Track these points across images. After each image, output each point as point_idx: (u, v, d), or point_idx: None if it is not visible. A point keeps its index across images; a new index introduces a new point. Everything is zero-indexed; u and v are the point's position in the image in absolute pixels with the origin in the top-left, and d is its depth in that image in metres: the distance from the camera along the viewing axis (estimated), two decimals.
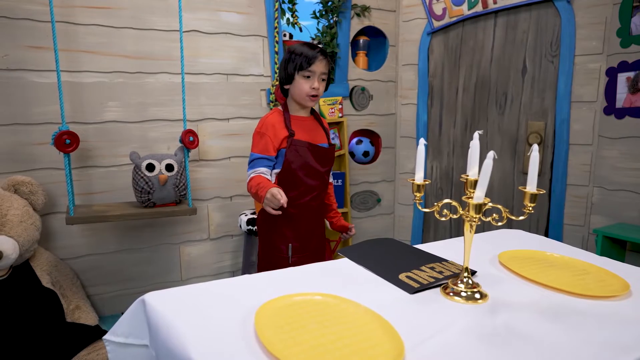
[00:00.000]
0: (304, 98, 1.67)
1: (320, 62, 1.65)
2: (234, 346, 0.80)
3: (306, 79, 1.65)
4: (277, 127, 1.66)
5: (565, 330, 0.89)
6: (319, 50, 1.66)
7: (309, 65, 1.63)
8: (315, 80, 1.65)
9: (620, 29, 2.17)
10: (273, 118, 1.69)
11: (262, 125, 1.68)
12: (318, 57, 1.64)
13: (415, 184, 1.02)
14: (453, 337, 0.85)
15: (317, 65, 1.64)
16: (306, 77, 1.65)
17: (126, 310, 1.02)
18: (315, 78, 1.65)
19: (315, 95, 1.67)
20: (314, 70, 1.64)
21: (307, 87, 1.65)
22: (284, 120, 1.68)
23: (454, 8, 2.76)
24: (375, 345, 0.80)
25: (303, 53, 1.64)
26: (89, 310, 2.13)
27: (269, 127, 1.66)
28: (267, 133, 1.65)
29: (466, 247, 1.02)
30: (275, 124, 1.67)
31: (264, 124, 1.68)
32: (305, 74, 1.64)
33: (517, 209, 2.63)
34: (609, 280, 1.12)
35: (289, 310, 0.92)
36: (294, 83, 1.67)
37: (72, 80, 2.19)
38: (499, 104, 2.69)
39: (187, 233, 2.56)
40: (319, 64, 1.65)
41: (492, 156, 0.85)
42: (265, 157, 1.66)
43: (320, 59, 1.65)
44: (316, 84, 1.65)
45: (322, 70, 1.66)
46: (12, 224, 1.88)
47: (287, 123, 1.67)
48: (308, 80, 1.65)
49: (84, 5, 2.18)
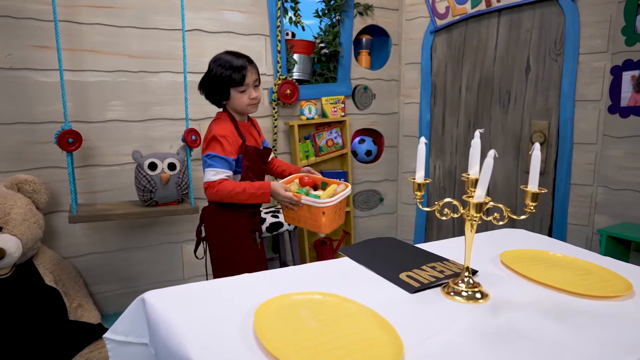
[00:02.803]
0: (245, 108, 1.69)
1: (250, 72, 1.65)
2: (233, 345, 0.80)
3: (242, 93, 1.66)
4: (235, 134, 1.67)
5: (567, 330, 0.88)
6: (246, 60, 1.65)
7: (243, 80, 1.63)
8: (252, 91, 1.67)
9: (625, 27, 2.15)
10: (229, 125, 1.68)
11: (224, 129, 1.65)
12: (247, 68, 1.63)
13: (416, 183, 1.01)
14: (453, 336, 0.85)
15: (248, 77, 1.64)
16: (241, 91, 1.65)
17: (126, 309, 1.02)
18: (250, 89, 1.66)
19: (255, 103, 1.70)
20: (247, 82, 1.64)
21: (246, 99, 1.67)
22: (235, 127, 1.69)
23: (457, 6, 2.75)
24: (375, 345, 0.80)
25: (230, 66, 1.62)
26: (92, 309, 2.14)
27: (230, 133, 1.65)
28: (231, 137, 1.64)
29: (467, 247, 1.01)
30: (233, 130, 1.68)
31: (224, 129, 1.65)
32: (240, 89, 1.64)
33: (520, 208, 2.61)
34: (612, 280, 1.11)
35: (288, 309, 0.92)
36: (232, 98, 1.67)
37: (75, 79, 2.20)
38: (502, 103, 2.68)
39: (189, 232, 2.56)
40: (250, 75, 1.64)
41: (492, 155, 0.84)
42: (229, 160, 1.63)
43: (249, 69, 1.64)
44: (253, 93, 1.67)
45: (254, 78, 1.67)
46: (15, 222, 1.89)
47: (237, 130, 1.69)
48: (244, 94, 1.66)
49: (87, 4, 2.18)
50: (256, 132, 1.83)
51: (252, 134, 1.79)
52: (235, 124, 1.71)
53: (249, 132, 1.77)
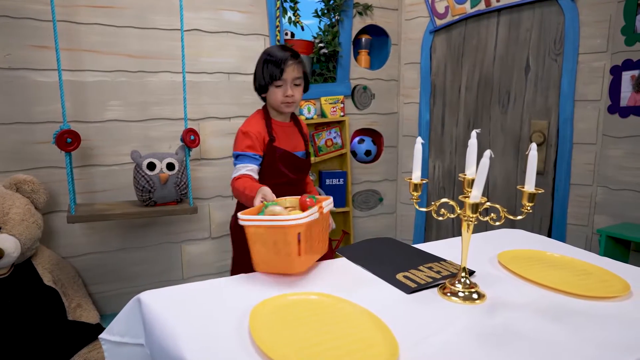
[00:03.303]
0: (279, 106, 1.64)
1: (292, 69, 1.59)
2: (228, 346, 0.80)
3: (278, 88, 1.61)
4: (261, 131, 1.63)
5: (564, 331, 0.88)
6: (290, 55, 1.60)
7: (281, 74, 1.58)
8: (288, 88, 1.60)
9: (625, 26, 2.15)
10: (258, 121, 1.66)
11: (249, 125, 1.64)
12: (288, 62, 1.58)
13: (412, 183, 1.01)
14: (449, 337, 0.85)
15: (287, 72, 1.59)
16: (278, 86, 1.60)
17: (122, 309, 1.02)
18: (287, 86, 1.60)
19: (290, 102, 1.63)
20: (285, 78, 1.59)
21: (281, 96, 1.61)
22: (266, 125, 1.65)
23: (457, 6, 2.74)
24: (370, 346, 0.80)
25: (271, 59, 1.59)
26: (91, 309, 2.14)
27: (255, 128, 1.62)
28: (254, 133, 1.61)
29: (464, 247, 1.01)
30: (261, 127, 1.64)
31: (250, 125, 1.63)
32: (277, 83, 1.59)
33: (520, 208, 2.60)
34: (610, 281, 1.11)
35: (284, 309, 0.92)
36: (269, 92, 1.64)
37: (74, 79, 2.20)
38: (502, 103, 2.67)
39: (188, 232, 2.56)
40: (290, 71, 1.59)
41: (488, 155, 0.84)
42: (250, 155, 1.60)
43: (290, 64, 1.59)
44: (289, 91, 1.61)
45: (295, 76, 1.61)
46: (14, 222, 1.89)
47: (268, 128, 1.64)
48: (280, 89, 1.61)
49: (86, 4, 2.18)
50: (300, 138, 1.73)
51: (291, 138, 1.69)
52: (268, 122, 1.65)
53: (287, 133, 1.69)
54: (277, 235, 1.06)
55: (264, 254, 1.09)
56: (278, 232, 1.05)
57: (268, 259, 1.10)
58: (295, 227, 1.04)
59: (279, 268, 1.10)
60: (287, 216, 1.05)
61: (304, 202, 1.20)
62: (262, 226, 1.06)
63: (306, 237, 1.07)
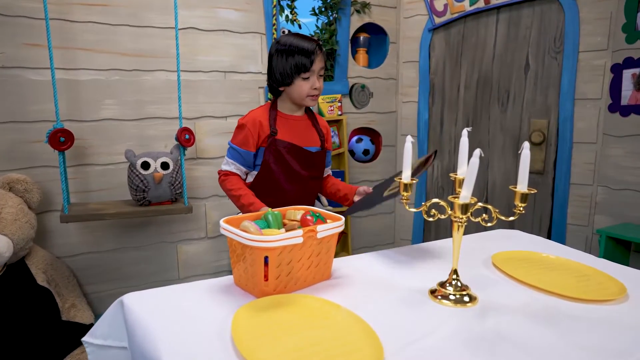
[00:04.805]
0: (304, 99, 1.55)
1: (319, 59, 1.51)
2: (209, 350, 0.78)
3: (305, 80, 1.52)
4: (262, 124, 1.56)
5: (556, 335, 0.85)
6: (317, 44, 1.51)
7: (311, 65, 1.48)
8: (315, 80, 1.52)
9: (626, 24, 2.11)
10: (259, 113, 1.58)
11: (247, 117, 1.57)
12: (316, 52, 1.49)
13: (402, 183, 0.99)
14: (437, 341, 0.82)
15: (316, 63, 1.50)
16: (305, 78, 1.51)
17: (105, 311, 1.00)
18: (315, 77, 1.52)
19: (316, 95, 1.55)
20: (314, 69, 1.50)
21: (307, 88, 1.52)
22: (269, 117, 1.57)
23: (456, 4, 2.71)
24: (355, 350, 0.77)
25: (301, 50, 1.48)
26: (85, 309, 2.13)
27: (253, 121, 1.55)
28: (249, 127, 1.54)
29: (455, 248, 0.99)
30: (262, 119, 1.56)
31: (248, 117, 1.57)
32: (304, 75, 1.50)
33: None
34: (606, 284, 1.08)
35: (267, 312, 0.89)
36: (293, 85, 1.53)
37: (68, 77, 2.18)
38: (501, 102, 2.64)
39: (184, 232, 2.54)
40: (318, 61, 1.51)
41: (478, 154, 0.82)
42: (241, 152, 1.56)
43: (318, 54, 1.50)
44: (317, 83, 1.53)
45: (321, 66, 1.53)
46: (6, 222, 1.87)
47: (271, 120, 1.56)
48: (308, 81, 1.52)
49: (80, 2, 2.16)
50: (315, 132, 1.63)
51: (302, 132, 1.60)
52: (274, 114, 1.57)
53: (296, 127, 1.59)
54: (246, 253, 0.96)
55: (239, 268, 1.02)
56: (246, 250, 0.95)
57: (239, 275, 1.02)
58: (261, 250, 0.91)
59: (249, 287, 1.00)
60: (255, 236, 0.92)
61: (305, 219, 1.09)
62: (234, 240, 0.96)
63: (280, 262, 0.94)
